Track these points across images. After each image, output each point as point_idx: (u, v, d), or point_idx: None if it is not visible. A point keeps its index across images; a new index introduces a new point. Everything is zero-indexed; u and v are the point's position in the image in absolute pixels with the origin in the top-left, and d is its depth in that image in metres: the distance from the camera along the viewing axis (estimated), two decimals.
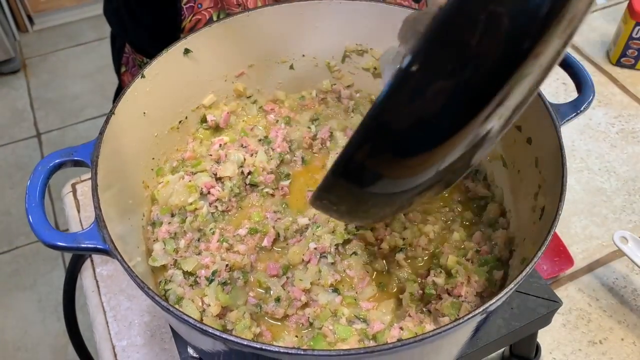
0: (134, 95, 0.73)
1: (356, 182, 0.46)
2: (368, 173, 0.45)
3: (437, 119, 0.40)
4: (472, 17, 0.36)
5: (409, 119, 0.40)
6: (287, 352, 0.50)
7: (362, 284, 0.72)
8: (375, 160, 0.44)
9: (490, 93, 0.39)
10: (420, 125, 0.41)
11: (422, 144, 0.42)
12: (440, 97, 0.39)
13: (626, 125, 1.17)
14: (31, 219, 0.59)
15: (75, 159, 0.64)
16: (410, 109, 0.40)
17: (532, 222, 0.67)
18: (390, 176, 0.46)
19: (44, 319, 2.16)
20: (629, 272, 0.95)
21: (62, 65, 3.16)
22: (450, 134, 0.41)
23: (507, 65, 0.38)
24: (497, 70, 0.38)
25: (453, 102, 0.39)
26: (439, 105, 0.39)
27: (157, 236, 0.76)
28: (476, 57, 0.37)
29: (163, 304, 0.52)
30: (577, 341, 0.87)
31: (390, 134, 0.41)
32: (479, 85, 0.39)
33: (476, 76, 0.38)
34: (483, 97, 0.39)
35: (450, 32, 0.37)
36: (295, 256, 0.74)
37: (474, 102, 0.40)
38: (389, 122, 0.41)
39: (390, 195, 0.49)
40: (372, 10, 0.83)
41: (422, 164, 0.44)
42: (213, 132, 0.88)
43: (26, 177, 2.57)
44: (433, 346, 0.57)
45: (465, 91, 0.39)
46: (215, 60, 0.84)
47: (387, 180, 0.46)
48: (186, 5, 0.98)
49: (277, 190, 0.83)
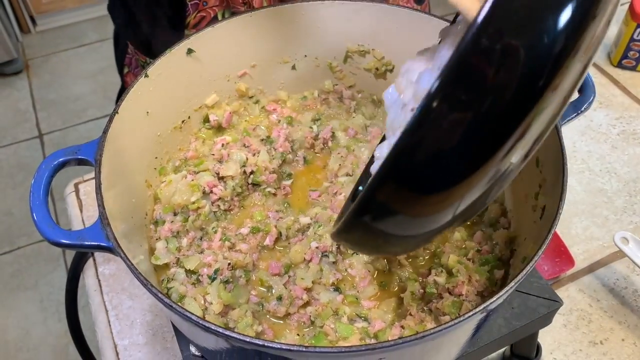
0: (137, 94, 0.73)
1: (377, 223, 0.45)
2: (389, 213, 0.44)
3: (459, 155, 0.40)
4: (489, 49, 0.36)
5: (431, 155, 0.40)
6: (290, 349, 0.50)
7: (363, 282, 0.72)
8: (396, 199, 0.43)
9: (509, 127, 0.39)
10: (442, 161, 0.40)
11: (444, 180, 0.41)
12: (460, 131, 0.38)
13: (627, 126, 1.17)
14: (35, 217, 0.59)
15: (79, 158, 0.65)
16: (432, 144, 0.39)
17: (533, 221, 0.68)
18: (412, 215, 0.45)
19: (46, 319, 2.17)
20: (630, 272, 0.95)
21: (64, 66, 3.17)
22: (471, 171, 0.41)
23: (526, 99, 0.38)
24: (516, 104, 0.38)
25: (474, 137, 0.39)
26: (459, 141, 0.39)
27: (160, 235, 0.77)
28: (494, 91, 0.37)
29: (166, 301, 0.53)
30: (577, 341, 0.88)
31: (412, 171, 0.41)
32: (498, 119, 0.38)
33: (495, 110, 0.38)
34: (503, 132, 0.39)
35: (468, 64, 0.37)
36: (297, 255, 0.74)
37: (494, 137, 0.39)
38: (410, 159, 0.40)
39: (412, 236, 0.48)
40: (374, 11, 0.84)
41: (443, 201, 0.43)
42: (215, 132, 0.88)
43: (28, 178, 2.59)
44: (434, 344, 0.57)
45: (486, 126, 0.38)
46: (218, 60, 0.85)
47: (408, 220, 0.45)
48: (191, 2, 0.99)
49: (279, 190, 0.84)
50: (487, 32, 0.36)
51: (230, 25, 0.82)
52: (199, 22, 1.01)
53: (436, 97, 0.37)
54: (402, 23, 0.83)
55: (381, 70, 0.90)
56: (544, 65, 0.37)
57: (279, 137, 0.87)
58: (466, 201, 0.44)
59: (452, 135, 0.38)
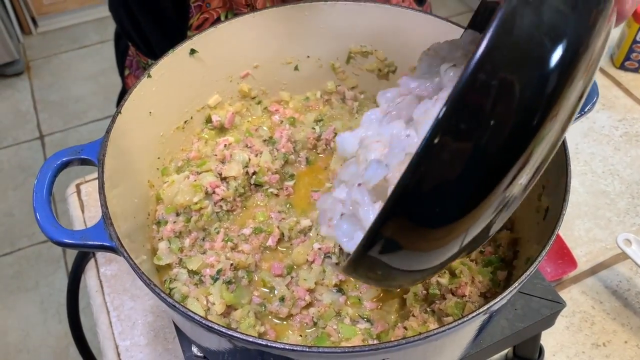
0: (140, 94, 0.73)
1: (385, 258, 0.46)
2: (395, 248, 0.44)
3: (462, 188, 0.40)
4: (486, 83, 0.37)
5: (435, 190, 0.40)
6: (293, 349, 0.50)
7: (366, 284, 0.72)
8: (401, 235, 0.44)
9: (511, 158, 0.40)
10: (446, 195, 0.41)
11: (448, 214, 0.42)
12: (462, 164, 0.39)
13: (630, 128, 1.17)
14: (39, 217, 0.59)
15: (82, 157, 0.65)
16: (435, 179, 0.40)
17: (536, 222, 0.68)
18: (418, 249, 0.45)
19: (46, 320, 2.16)
20: (633, 274, 0.95)
21: (65, 67, 3.17)
22: (476, 203, 0.41)
23: (525, 130, 0.39)
24: (515, 136, 0.39)
25: (475, 169, 0.40)
26: (462, 174, 0.40)
27: (162, 235, 0.76)
28: (492, 123, 0.38)
29: (169, 301, 0.53)
30: (580, 344, 0.87)
31: (417, 206, 0.41)
32: (499, 150, 0.39)
33: (495, 142, 0.39)
34: (504, 163, 0.40)
35: (468, 98, 0.38)
36: (299, 256, 0.74)
37: (496, 169, 0.40)
38: (415, 194, 0.41)
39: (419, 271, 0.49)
40: (377, 11, 0.84)
41: (449, 235, 0.44)
42: (218, 133, 0.88)
43: (29, 179, 2.60)
44: (437, 345, 0.57)
45: (486, 157, 0.39)
46: (221, 61, 0.85)
47: (415, 254, 0.46)
48: (195, 4, 0.99)
49: (282, 191, 0.84)
50: (484, 69, 0.37)
51: (233, 25, 0.82)
52: (201, 23, 1.01)
53: (437, 132, 0.38)
54: (404, 24, 0.83)
55: (384, 71, 0.90)
56: (540, 100, 0.38)
57: (281, 137, 0.87)
58: (472, 233, 0.44)
59: (455, 169, 0.39)
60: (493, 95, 0.37)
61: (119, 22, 1.16)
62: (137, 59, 1.19)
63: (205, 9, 1.00)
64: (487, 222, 0.44)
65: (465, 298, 0.66)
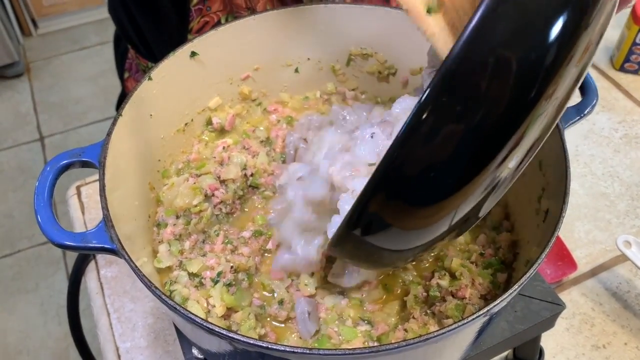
0: (141, 97, 0.73)
1: (369, 236, 0.44)
2: (381, 225, 0.43)
3: (451, 166, 0.39)
4: (481, 61, 0.35)
5: (422, 167, 0.39)
6: (294, 351, 0.50)
7: (369, 285, 0.72)
8: (388, 211, 0.42)
9: (503, 138, 0.38)
10: (434, 173, 0.39)
11: (436, 192, 0.40)
12: (451, 143, 0.38)
13: (630, 130, 1.17)
14: (40, 219, 0.59)
15: (83, 160, 0.65)
16: (423, 156, 0.38)
17: (536, 224, 0.68)
18: (404, 228, 0.44)
19: (46, 322, 2.16)
20: (633, 276, 0.95)
21: (65, 69, 3.17)
22: (464, 182, 0.40)
23: (519, 108, 0.37)
24: (509, 114, 0.38)
25: (465, 148, 0.38)
26: (451, 152, 0.38)
27: (162, 237, 0.77)
28: (487, 102, 0.37)
29: (170, 303, 0.53)
30: (580, 345, 0.88)
31: (404, 182, 0.40)
32: (491, 130, 0.38)
33: (488, 121, 0.37)
34: (496, 142, 0.38)
35: (460, 76, 0.36)
36: None
37: (487, 148, 0.39)
38: (402, 170, 0.39)
39: (407, 250, 0.47)
40: (377, 14, 0.84)
41: (436, 214, 0.42)
42: (218, 135, 0.88)
43: (29, 181, 2.59)
44: (437, 347, 0.57)
45: (478, 137, 0.38)
46: (221, 63, 0.85)
47: (400, 232, 0.44)
48: (195, 7, 0.99)
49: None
50: (476, 44, 0.35)
51: (233, 28, 0.82)
52: (202, 27, 1.01)
53: (425, 108, 0.37)
54: (404, 26, 0.83)
55: (384, 73, 0.90)
56: (536, 76, 0.37)
57: (277, 137, 0.87)
58: (461, 212, 0.43)
59: (444, 147, 0.38)
60: (487, 67, 0.36)
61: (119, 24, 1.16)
62: (137, 61, 1.19)
63: (205, 12, 1.00)
64: (477, 201, 0.43)
65: (465, 300, 0.66)
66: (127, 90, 1.28)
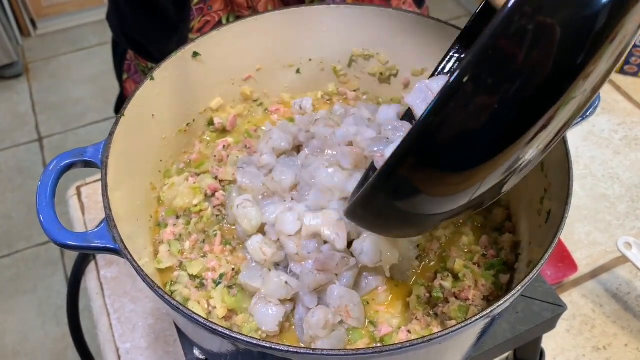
0: (143, 97, 0.73)
1: (395, 199, 0.44)
2: (408, 189, 0.43)
3: (485, 135, 0.39)
4: (520, 29, 0.34)
5: (454, 133, 0.39)
6: (297, 351, 0.50)
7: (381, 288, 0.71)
8: (417, 175, 0.42)
9: (538, 111, 0.38)
10: (466, 140, 0.39)
11: (467, 160, 0.40)
12: (486, 112, 0.37)
13: (630, 132, 1.17)
14: (42, 218, 0.59)
15: (85, 160, 0.65)
16: (456, 123, 0.38)
17: (538, 225, 0.68)
18: (430, 194, 0.43)
19: (44, 323, 2.16)
20: (633, 278, 0.95)
21: (64, 69, 3.17)
22: (495, 152, 0.40)
23: (557, 83, 0.37)
24: (546, 89, 0.37)
25: (501, 117, 0.38)
26: (484, 121, 0.38)
27: (163, 238, 0.76)
28: (524, 73, 0.36)
29: (173, 303, 0.53)
30: (581, 347, 0.88)
31: (435, 147, 0.40)
32: (528, 102, 0.37)
33: (524, 93, 0.37)
34: (531, 116, 0.38)
35: (499, 45, 0.35)
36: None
37: (522, 120, 0.38)
38: (435, 136, 0.39)
39: (426, 216, 0.47)
40: (379, 15, 0.84)
41: (463, 182, 0.42)
42: (220, 135, 0.88)
43: (27, 181, 2.58)
44: (439, 348, 0.57)
45: (514, 108, 0.37)
46: (223, 64, 0.85)
47: (425, 198, 0.44)
48: (196, 7, 0.99)
49: None
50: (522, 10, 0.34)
51: (235, 28, 0.82)
52: (203, 26, 1.01)
53: (465, 75, 0.36)
54: (405, 27, 0.84)
55: (385, 75, 0.90)
56: (583, 41, 0.35)
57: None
58: (486, 185, 0.43)
59: (480, 115, 0.37)
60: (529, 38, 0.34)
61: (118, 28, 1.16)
62: (136, 62, 1.19)
63: (206, 12, 1.00)
64: (502, 177, 0.42)
65: (468, 301, 0.66)
66: (125, 91, 1.27)
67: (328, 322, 0.63)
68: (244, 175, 0.75)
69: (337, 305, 0.65)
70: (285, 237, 0.67)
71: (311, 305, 0.65)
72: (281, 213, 0.68)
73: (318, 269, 0.64)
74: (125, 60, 1.22)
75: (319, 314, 0.63)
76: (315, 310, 0.64)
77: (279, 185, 0.71)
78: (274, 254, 0.68)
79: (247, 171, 0.76)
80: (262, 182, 0.74)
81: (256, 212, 0.71)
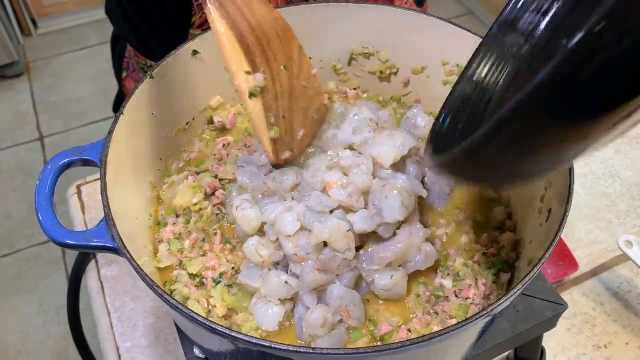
0: (142, 95, 0.73)
1: (503, 148, 0.43)
2: (521, 139, 0.42)
3: (611, 86, 0.38)
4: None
5: (579, 86, 0.38)
6: (297, 350, 0.50)
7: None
8: (532, 126, 0.41)
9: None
10: (598, 88, 0.38)
11: (586, 111, 0.40)
12: (617, 64, 0.37)
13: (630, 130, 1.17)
14: (41, 217, 0.59)
15: (84, 158, 0.65)
16: (583, 74, 0.37)
17: (539, 224, 0.67)
18: (542, 143, 0.43)
19: (45, 322, 2.16)
20: (634, 276, 0.95)
21: (65, 68, 3.17)
22: (616, 105, 0.39)
23: None
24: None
25: (631, 70, 0.37)
26: (620, 69, 0.37)
27: (162, 237, 0.76)
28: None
29: (172, 302, 0.52)
30: (581, 345, 0.87)
31: (560, 97, 0.39)
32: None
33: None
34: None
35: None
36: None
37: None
38: (561, 86, 0.38)
39: (527, 167, 0.46)
40: (379, 13, 0.84)
41: (582, 135, 0.42)
42: (219, 133, 0.88)
43: (28, 180, 2.58)
44: (440, 347, 0.57)
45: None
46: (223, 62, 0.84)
47: (534, 150, 0.43)
48: (197, 2, 0.99)
49: None
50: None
51: None
52: (204, 21, 1.01)
53: (600, 22, 0.35)
54: (406, 25, 0.83)
55: (385, 73, 0.90)
56: None
57: None
58: (592, 141, 0.42)
59: (607, 67, 0.37)
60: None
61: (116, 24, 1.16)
62: (136, 59, 1.18)
63: None
64: (606, 135, 0.42)
65: (468, 300, 0.66)
66: (124, 89, 1.27)
67: (327, 320, 0.63)
68: (244, 174, 0.75)
69: (337, 305, 0.64)
70: (284, 237, 0.67)
71: (311, 304, 0.65)
72: (280, 213, 0.68)
73: (319, 269, 0.64)
74: (124, 58, 1.22)
75: (318, 312, 0.63)
76: (313, 308, 0.64)
77: (280, 185, 0.71)
78: (271, 254, 0.68)
79: (247, 170, 0.76)
80: (263, 181, 0.74)
81: (255, 213, 0.71)
